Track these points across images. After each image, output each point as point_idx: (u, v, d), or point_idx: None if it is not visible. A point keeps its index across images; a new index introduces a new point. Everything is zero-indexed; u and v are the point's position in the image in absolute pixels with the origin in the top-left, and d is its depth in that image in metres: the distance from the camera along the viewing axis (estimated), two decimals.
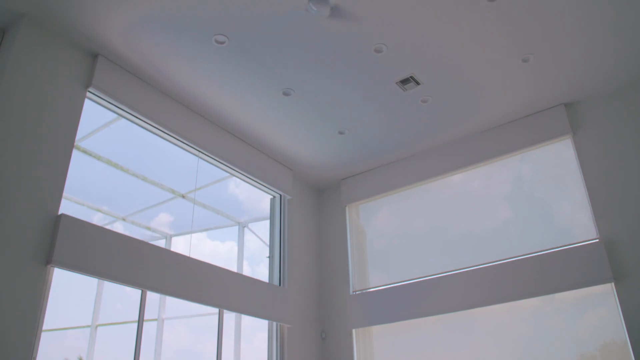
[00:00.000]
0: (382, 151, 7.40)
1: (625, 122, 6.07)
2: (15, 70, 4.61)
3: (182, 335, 6.46)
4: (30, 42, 4.80)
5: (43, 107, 4.76)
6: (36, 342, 4.19)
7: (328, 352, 7.37)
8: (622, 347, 5.41)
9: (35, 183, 4.51)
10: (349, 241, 7.86)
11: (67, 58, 5.11)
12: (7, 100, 4.48)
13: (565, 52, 5.58)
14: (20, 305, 4.13)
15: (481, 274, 6.41)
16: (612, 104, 6.23)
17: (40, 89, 4.79)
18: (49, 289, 4.42)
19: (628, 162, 5.91)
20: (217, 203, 7.10)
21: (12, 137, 4.44)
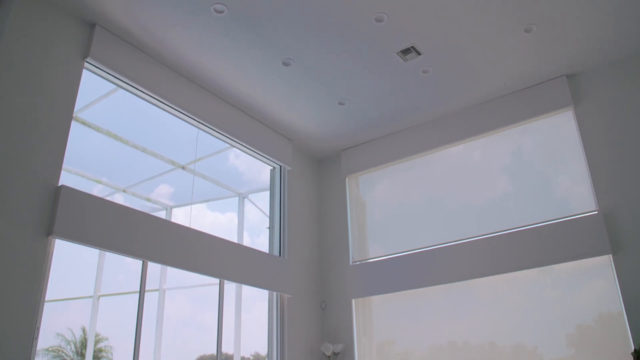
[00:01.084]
0: (382, 122, 7.37)
1: (627, 94, 6.03)
2: (11, 40, 4.55)
3: (183, 305, 6.52)
4: (26, 11, 4.73)
5: (40, 77, 4.72)
6: (39, 312, 4.23)
7: (328, 322, 7.46)
8: (617, 317, 5.48)
9: (34, 155, 4.50)
10: (348, 212, 7.89)
11: (63, 28, 5.05)
12: (3, 71, 4.44)
13: (569, 22, 5.51)
14: (22, 277, 4.16)
15: (480, 245, 6.45)
16: (615, 76, 6.19)
17: (37, 59, 4.74)
18: (51, 260, 4.45)
19: (629, 134, 5.89)
20: (217, 174, 7.10)
21: (9, 109, 4.41)
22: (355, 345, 7.08)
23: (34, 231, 4.34)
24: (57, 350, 8.11)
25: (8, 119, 4.38)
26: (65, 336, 7.44)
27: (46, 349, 7.78)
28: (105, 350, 8.79)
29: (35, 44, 4.75)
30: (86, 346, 6.11)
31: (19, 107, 4.49)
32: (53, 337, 5.69)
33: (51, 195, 4.55)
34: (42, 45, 4.81)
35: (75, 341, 8.13)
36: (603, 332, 5.56)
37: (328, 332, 7.38)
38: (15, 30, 4.60)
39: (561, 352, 5.73)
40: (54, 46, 4.92)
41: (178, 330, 6.05)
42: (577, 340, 5.67)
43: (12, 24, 4.58)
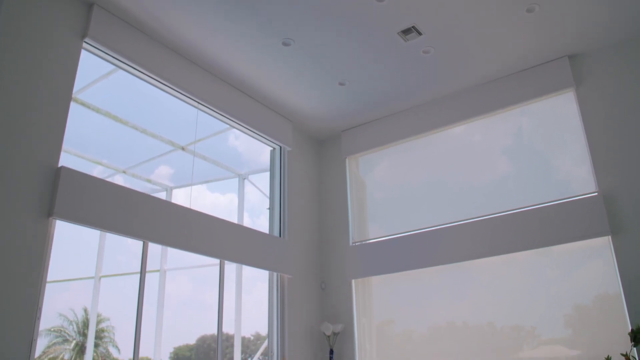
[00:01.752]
0: (383, 103, 7.34)
1: (630, 76, 6.00)
2: (8, 21, 4.51)
3: (184, 285, 6.57)
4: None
5: (38, 58, 4.69)
6: (41, 293, 4.26)
7: (328, 302, 7.51)
8: (615, 298, 5.52)
9: (34, 136, 4.49)
10: (348, 193, 7.89)
11: (61, 7, 5.00)
12: (1, 52, 4.41)
13: (572, 1, 5.45)
14: (23, 257, 4.18)
15: (480, 226, 6.47)
16: (618, 57, 6.14)
17: (34, 39, 4.70)
18: (52, 241, 4.47)
19: (630, 116, 5.87)
20: (217, 155, 7.10)
21: (8, 90, 4.39)
22: (355, 325, 7.15)
23: (34, 212, 4.34)
24: (59, 330, 8.21)
25: (6, 100, 4.36)
26: (67, 316, 7.53)
27: (49, 329, 7.88)
28: (107, 330, 8.90)
29: (32, 24, 4.71)
30: (88, 326, 6.17)
31: (18, 88, 4.46)
32: (55, 317, 5.76)
33: (51, 176, 4.55)
34: (40, 26, 4.77)
35: (77, 321, 8.23)
36: (601, 313, 5.60)
37: (328, 312, 7.44)
38: (12, 11, 4.56)
39: (559, 333, 5.78)
40: (52, 26, 4.87)
41: (179, 310, 6.10)
42: (575, 321, 5.72)
43: (8, 4, 4.54)
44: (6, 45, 4.46)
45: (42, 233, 4.37)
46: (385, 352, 6.92)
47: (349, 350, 7.06)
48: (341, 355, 7.09)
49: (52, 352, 8.38)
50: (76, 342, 7.80)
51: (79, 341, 7.74)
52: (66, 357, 7.73)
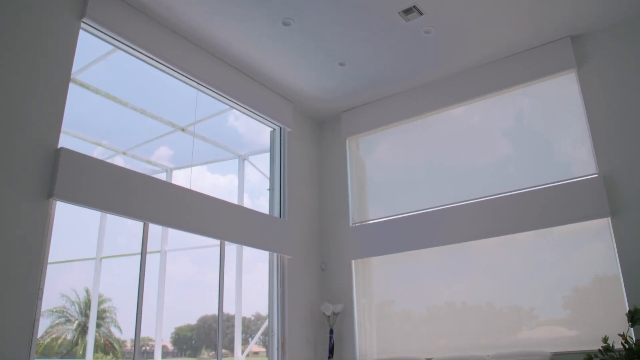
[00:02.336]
0: (383, 83, 7.30)
1: (633, 57, 5.95)
2: (5, 1, 4.46)
3: (185, 266, 6.60)
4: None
5: (36, 38, 4.65)
6: (42, 274, 4.28)
7: (328, 283, 7.55)
8: (613, 280, 5.55)
9: (33, 117, 4.47)
10: (349, 174, 7.89)
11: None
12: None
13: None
14: (24, 238, 4.20)
15: (480, 208, 6.48)
16: (620, 37, 6.09)
17: (32, 19, 4.65)
18: (52, 222, 4.47)
19: (632, 97, 5.84)
20: (217, 136, 7.08)
21: (6, 71, 4.36)
22: (354, 306, 7.19)
23: (34, 193, 4.35)
24: (61, 311, 8.27)
25: (5, 81, 4.34)
26: (69, 297, 7.59)
27: (51, 309, 7.94)
28: (108, 310, 8.97)
29: (30, 5, 4.65)
30: (90, 307, 6.21)
31: (16, 69, 4.43)
32: (58, 298, 5.81)
33: (51, 157, 4.54)
34: (38, 6, 4.72)
35: (80, 302, 8.28)
36: (599, 294, 5.64)
37: (328, 293, 7.49)
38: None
39: (557, 314, 5.83)
40: (50, 7, 4.82)
41: (180, 291, 6.14)
42: (574, 302, 5.76)
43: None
44: (3, 26, 4.42)
45: (43, 214, 4.38)
46: (384, 332, 6.98)
47: (349, 330, 7.11)
48: (341, 335, 7.15)
49: (55, 332, 8.45)
50: (78, 322, 7.86)
51: (81, 321, 7.79)
52: (69, 337, 7.80)
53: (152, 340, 6.00)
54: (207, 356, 6.40)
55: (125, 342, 8.53)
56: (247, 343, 6.94)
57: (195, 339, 6.45)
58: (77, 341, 8.22)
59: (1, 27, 4.39)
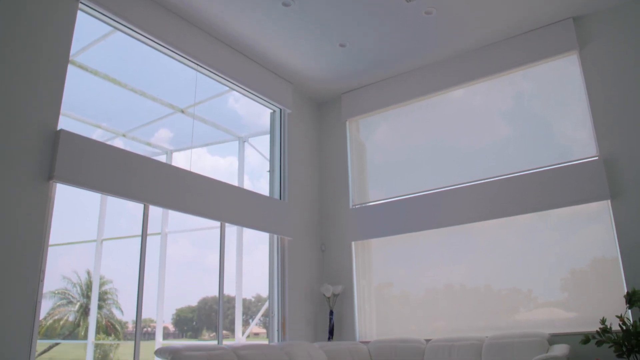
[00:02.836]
0: (384, 65, 7.26)
1: (636, 38, 5.90)
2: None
3: (185, 248, 6.63)
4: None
5: (33, 19, 4.60)
6: (43, 256, 4.30)
7: (328, 264, 7.59)
8: (612, 262, 5.57)
9: (32, 99, 4.45)
10: (349, 155, 7.88)
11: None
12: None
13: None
14: (25, 221, 4.20)
15: (480, 190, 6.49)
16: (623, 18, 6.03)
17: (29, 0, 4.60)
18: (53, 204, 4.48)
19: (634, 79, 5.80)
20: (217, 118, 7.06)
21: (3, 53, 4.33)
22: (354, 287, 7.24)
23: (34, 175, 4.34)
24: (63, 293, 8.36)
25: (2, 63, 4.30)
26: (70, 279, 7.67)
27: (53, 291, 8.02)
28: (110, 292, 9.05)
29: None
30: (91, 288, 6.26)
31: (13, 51, 4.40)
32: (59, 280, 5.87)
33: (50, 139, 4.52)
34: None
35: (81, 284, 8.36)
36: (597, 277, 5.67)
37: (328, 274, 7.53)
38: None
39: (555, 296, 5.87)
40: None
41: (180, 273, 6.18)
42: (571, 284, 5.79)
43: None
44: (0, 8, 4.37)
45: (43, 196, 4.38)
46: (384, 314, 7.03)
47: (349, 312, 7.17)
48: (341, 316, 7.20)
49: (57, 313, 8.55)
50: (80, 303, 7.94)
51: (82, 303, 7.88)
52: (71, 319, 7.90)
53: (153, 322, 6.06)
54: (208, 337, 6.47)
55: (126, 324, 8.64)
56: (248, 324, 7.00)
57: (196, 320, 6.51)
58: (79, 322, 8.31)
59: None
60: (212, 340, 6.57)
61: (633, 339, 4.59)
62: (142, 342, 4.99)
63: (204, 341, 7.05)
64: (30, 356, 4.03)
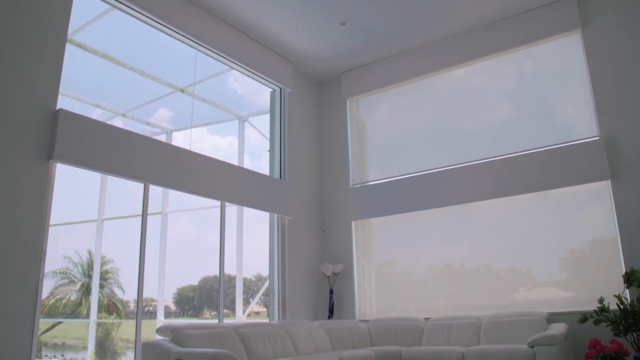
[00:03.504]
0: (384, 43, 7.20)
1: (639, 17, 5.84)
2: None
3: (186, 227, 6.65)
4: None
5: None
6: (44, 235, 4.31)
7: (328, 244, 7.62)
8: (611, 242, 5.59)
9: (30, 78, 4.42)
10: (349, 135, 7.87)
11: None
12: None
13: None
14: (25, 200, 4.21)
15: (481, 169, 6.49)
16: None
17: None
18: (53, 184, 4.47)
19: (637, 59, 5.76)
20: (217, 97, 7.03)
21: (0, 31, 4.29)
22: (354, 266, 7.28)
23: (34, 155, 4.33)
24: (65, 272, 8.40)
25: (0, 41, 4.27)
26: (72, 259, 7.70)
27: (55, 271, 8.06)
28: (111, 271, 9.11)
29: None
30: (93, 268, 6.29)
31: (11, 29, 4.36)
32: (61, 259, 5.91)
33: (50, 119, 4.50)
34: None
35: (82, 263, 8.41)
36: (596, 257, 5.69)
37: (328, 253, 7.56)
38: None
39: (554, 275, 5.90)
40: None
41: (181, 252, 6.20)
42: (571, 264, 5.82)
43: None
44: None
45: (43, 176, 4.38)
46: (384, 293, 7.08)
47: (349, 291, 7.22)
48: (341, 295, 7.25)
49: (59, 293, 8.60)
50: (82, 283, 7.99)
51: (84, 282, 7.92)
52: (73, 298, 7.96)
53: (154, 301, 6.11)
54: (209, 316, 6.52)
55: (128, 303, 8.71)
56: (248, 303, 7.05)
57: (197, 299, 6.55)
58: (80, 302, 8.37)
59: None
60: (213, 319, 6.63)
61: (630, 318, 4.62)
62: (144, 321, 5.03)
63: (205, 320, 7.11)
64: (33, 334, 4.07)
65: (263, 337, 5.12)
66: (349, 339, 6.10)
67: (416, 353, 5.45)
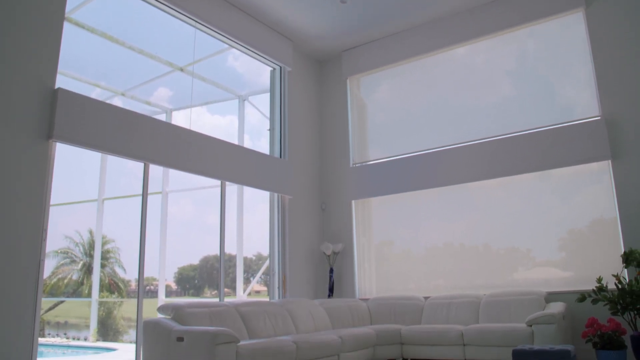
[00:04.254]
0: (385, 21, 7.12)
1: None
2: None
3: (186, 207, 6.66)
4: None
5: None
6: (45, 215, 4.32)
7: (328, 223, 7.64)
8: (610, 222, 5.60)
9: (28, 57, 4.38)
10: (349, 114, 7.84)
11: None
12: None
13: None
14: (26, 180, 4.21)
15: (481, 149, 6.47)
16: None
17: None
18: (53, 164, 4.47)
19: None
20: (217, 76, 6.98)
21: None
22: (354, 245, 7.31)
23: (34, 135, 4.32)
24: (66, 252, 8.45)
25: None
26: (73, 238, 7.75)
27: (56, 251, 8.12)
28: (112, 251, 9.16)
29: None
30: (94, 247, 6.32)
31: (7, 7, 4.31)
32: (62, 239, 5.93)
33: (49, 98, 4.48)
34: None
35: (84, 243, 8.45)
36: (595, 237, 5.71)
37: (328, 233, 7.58)
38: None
39: (553, 255, 5.93)
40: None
41: (182, 231, 6.22)
42: (569, 244, 5.85)
43: None
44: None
45: (43, 155, 4.37)
46: (383, 271, 7.12)
47: (349, 269, 7.26)
48: (341, 274, 7.30)
49: (61, 272, 8.67)
50: (83, 262, 8.04)
51: (85, 262, 7.97)
52: (74, 277, 8.02)
53: (155, 280, 6.15)
54: (210, 295, 6.56)
55: (129, 282, 8.78)
56: (249, 282, 7.10)
57: (198, 278, 6.59)
58: (82, 281, 8.44)
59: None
60: (214, 298, 6.68)
61: (628, 297, 4.65)
62: (145, 300, 5.06)
63: (206, 299, 7.16)
64: (36, 312, 4.10)
65: (263, 316, 5.16)
66: (349, 317, 6.15)
67: (416, 331, 5.50)
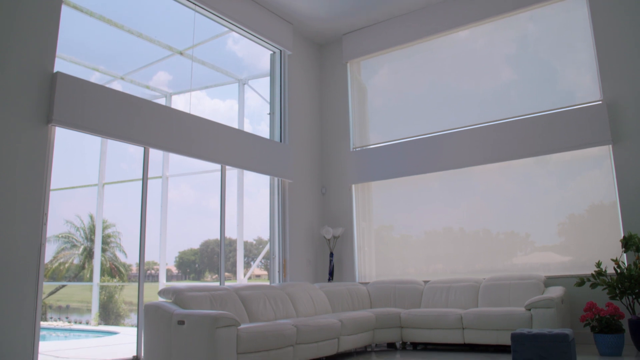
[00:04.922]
0: (386, 3, 7.05)
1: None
2: None
3: (186, 191, 6.66)
4: None
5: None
6: (45, 199, 4.32)
7: (328, 207, 7.65)
8: (610, 207, 5.61)
9: (25, 40, 4.35)
10: (349, 98, 7.81)
11: None
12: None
13: None
14: (26, 165, 4.20)
15: (482, 133, 6.45)
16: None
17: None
18: (53, 148, 4.46)
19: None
20: (216, 60, 6.94)
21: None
22: (354, 229, 7.32)
23: (33, 119, 4.31)
24: (67, 237, 8.48)
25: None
26: (74, 223, 7.77)
27: (57, 235, 8.14)
28: (113, 235, 9.19)
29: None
30: (95, 232, 6.33)
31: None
32: (62, 224, 5.95)
33: (47, 82, 4.46)
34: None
35: (84, 227, 8.47)
36: (595, 221, 5.72)
37: (328, 217, 7.60)
38: None
39: (552, 240, 5.94)
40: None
41: (182, 216, 6.24)
42: (569, 229, 5.86)
43: None
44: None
45: (43, 140, 4.36)
46: (383, 255, 7.15)
47: (349, 253, 7.28)
48: (341, 258, 7.32)
49: (62, 257, 8.72)
50: (84, 247, 8.07)
51: (86, 246, 8.00)
52: (76, 262, 8.05)
53: (156, 264, 6.17)
54: (211, 279, 6.59)
55: (130, 266, 8.84)
56: (249, 266, 7.13)
57: (199, 262, 6.61)
58: (83, 265, 8.48)
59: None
60: (215, 282, 6.71)
61: (626, 282, 4.68)
62: (146, 284, 5.09)
63: (207, 282, 7.20)
64: (38, 296, 4.12)
65: (264, 299, 5.19)
66: (349, 301, 6.19)
67: (415, 315, 5.53)
